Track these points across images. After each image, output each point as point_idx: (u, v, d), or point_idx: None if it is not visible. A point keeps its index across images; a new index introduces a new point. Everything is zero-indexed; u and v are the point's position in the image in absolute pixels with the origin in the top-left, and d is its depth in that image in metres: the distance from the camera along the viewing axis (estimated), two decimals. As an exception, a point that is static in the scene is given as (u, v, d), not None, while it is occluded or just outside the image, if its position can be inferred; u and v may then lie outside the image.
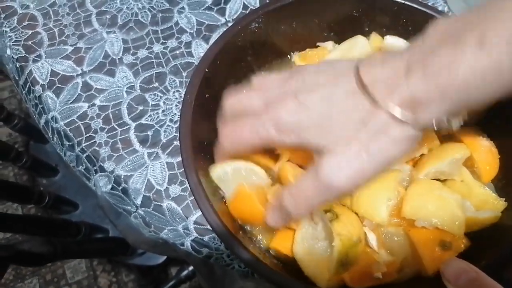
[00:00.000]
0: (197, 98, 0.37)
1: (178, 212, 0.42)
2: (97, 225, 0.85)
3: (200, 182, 0.34)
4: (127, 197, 0.44)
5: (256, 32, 0.41)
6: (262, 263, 0.31)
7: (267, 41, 0.43)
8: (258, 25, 0.41)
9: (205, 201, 0.33)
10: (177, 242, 0.43)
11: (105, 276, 1.21)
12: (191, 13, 0.54)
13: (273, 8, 0.41)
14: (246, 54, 0.43)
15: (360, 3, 0.42)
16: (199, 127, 0.37)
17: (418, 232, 0.33)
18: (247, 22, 0.40)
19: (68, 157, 0.48)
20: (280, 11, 0.41)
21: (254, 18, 0.41)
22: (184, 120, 0.36)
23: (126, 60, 0.51)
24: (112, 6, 0.55)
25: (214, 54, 0.39)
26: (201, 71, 0.38)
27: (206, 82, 0.38)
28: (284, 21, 0.43)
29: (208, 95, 0.39)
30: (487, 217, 0.34)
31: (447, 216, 0.32)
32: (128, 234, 0.49)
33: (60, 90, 0.49)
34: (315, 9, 0.43)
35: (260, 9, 0.41)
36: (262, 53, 0.44)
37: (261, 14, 0.41)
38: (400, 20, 0.42)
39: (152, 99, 0.48)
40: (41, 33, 0.53)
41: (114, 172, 0.44)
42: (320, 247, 0.34)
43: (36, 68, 0.50)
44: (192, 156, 0.35)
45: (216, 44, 0.39)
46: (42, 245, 0.52)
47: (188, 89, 0.37)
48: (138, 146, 0.45)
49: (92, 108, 0.48)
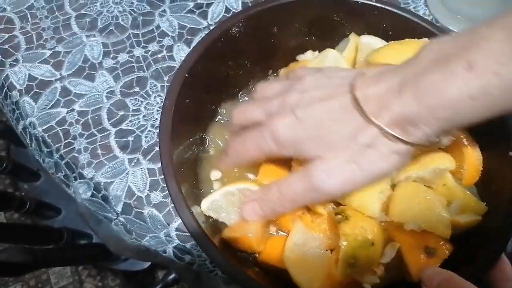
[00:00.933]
0: (177, 103, 0.36)
1: (159, 219, 0.42)
2: (80, 231, 0.84)
3: (180, 189, 0.33)
4: (108, 204, 0.43)
5: (237, 36, 0.41)
6: (241, 272, 0.30)
7: (248, 46, 0.43)
8: (239, 29, 0.41)
9: (184, 207, 0.32)
10: (159, 249, 0.43)
11: (90, 281, 1.20)
12: (172, 16, 0.54)
13: (253, 12, 0.41)
14: (227, 59, 0.43)
15: (340, 7, 0.43)
16: (179, 133, 0.37)
17: (403, 237, 0.33)
18: (227, 26, 0.40)
19: (47, 164, 0.47)
20: (260, 15, 0.41)
21: (235, 22, 0.40)
22: (164, 126, 0.36)
23: (106, 64, 0.50)
24: (92, 9, 0.54)
25: (195, 58, 0.38)
26: (181, 76, 0.38)
27: (186, 87, 0.38)
28: (265, 26, 0.43)
29: (189, 100, 0.38)
30: (468, 221, 0.34)
31: (434, 219, 0.32)
32: (109, 241, 0.48)
33: (38, 95, 0.48)
34: (295, 14, 0.43)
35: (240, 13, 0.41)
36: (243, 58, 0.44)
37: (241, 18, 0.40)
38: (380, 25, 0.42)
39: (133, 104, 0.47)
40: (18, 36, 0.52)
41: (93, 179, 0.43)
42: (313, 254, 0.34)
43: (13, 73, 0.49)
44: (172, 163, 0.34)
45: (196, 49, 0.39)
46: (20, 254, 0.51)
47: (167, 94, 0.37)
48: (118, 152, 0.45)
49: (71, 113, 0.47)
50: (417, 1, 0.57)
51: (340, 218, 0.32)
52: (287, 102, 0.32)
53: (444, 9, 0.55)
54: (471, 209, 0.35)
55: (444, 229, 0.32)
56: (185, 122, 0.38)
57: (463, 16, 0.54)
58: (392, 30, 0.42)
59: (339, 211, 0.33)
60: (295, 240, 0.34)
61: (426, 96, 0.25)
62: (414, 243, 0.33)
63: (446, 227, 0.32)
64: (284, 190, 0.32)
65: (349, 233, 0.31)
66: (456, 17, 0.54)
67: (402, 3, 0.56)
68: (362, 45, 0.42)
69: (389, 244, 0.33)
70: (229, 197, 0.36)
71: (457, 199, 0.35)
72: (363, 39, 0.43)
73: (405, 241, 0.33)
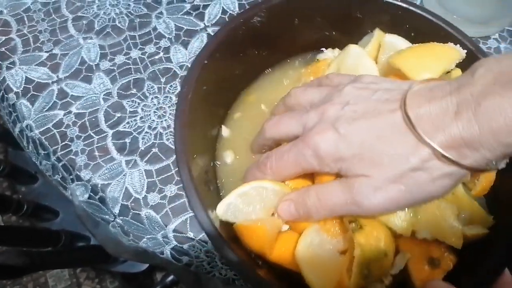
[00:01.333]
0: (195, 90, 0.36)
1: (157, 221, 0.42)
2: (78, 233, 0.84)
3: (192, 177, 0.33)
4: (105, 206, 0.43)
5: (258, 26, 0.40)
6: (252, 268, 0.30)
7: (268, 36, 0.42)
8: (261, 19, 0.40)
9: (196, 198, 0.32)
10: (157, 251, 0.43)
11: (88, 284, 1.20)
12: (169, 18, 0.54)
13: (276, 2, 0.40)
14: (246, 48, 0.42)
15: (365, 4, 0.42)
16: (195, 120, 0.36)
17: (408, 246, 0.33)
18: (249, 15, 0.39)
19: (44, 166, 0.47)
20: (282, 6, 0.41)
21: (257, 12, 0.39)
22: (180, 112, 0.35)
23: (103, 66, 0.50)
24: (88, 11, 0.54)
25: (214, 45, 0.38)
26: (200, 63, 0.37)
27: (204, 74, 0.37)
28: (287, 17, 0.42)
29: (206, 87, 0.38)
30: (475, 233, 0.34)
31: (447, 228, 0.32)
32: (107, 243, 0.48)
33: (35, 98, 0.48)
34: (318, 6, 0.42)
35: (263, 3, 0.40)
36: (263, 48, 0.44)
37: (263, 8, 0.39)
38: (403, 25, 0.42)
39: (130, 105, 0.47)
40: (14, 39, 0.52)
41: (91, 181, 0.43)
42: (329, 256, 0.33)
43: (10, 75, 0.49)
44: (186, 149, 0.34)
45: (216, 36, 0.38)
46: (18, 256, 0.50)
47: (185, 80, 0.36)
48: (115, 154, 0.45)
49: (68, 115, 0.47)
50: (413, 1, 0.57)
51: (354, 228, 0.31)
52: (326, 115, 0.31)
53: (440, 9, 0.55)
54: (478, 221, 0.34)
55: (456, 239, 0.32)
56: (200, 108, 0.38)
57: (460, 16, 0.54)
58: (415, 32, 0.41)
59: (353, 219, 0.32)
60: (310, 239, 0.33)
61: (490, 119, 0.24)
62: (419, 253, 0.32)
63: (458, 238, 0.32)
64: (323, 198, 0.31)
65: (364, 243, 0.30)
66: (452, 17, 0.54)
67: (398, 4, 0.56)
68: (386, 43, 0.42)
69: (399, 254, 0.33)
70: (244, 198, 0.35)
71: (465, 210, 0.34)
72: (387, 37, 0.42)
73: (411, 250, 0.33)
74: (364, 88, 0.32)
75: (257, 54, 0.44)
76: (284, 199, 0.34)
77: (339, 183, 0.31)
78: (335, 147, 0.30)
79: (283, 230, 0.35)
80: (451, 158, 0.26)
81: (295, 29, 0.43)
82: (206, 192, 0.37)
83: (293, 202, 0.33)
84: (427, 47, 0.39)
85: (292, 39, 0.45)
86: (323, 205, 0.31)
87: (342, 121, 0.30)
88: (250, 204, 0.34)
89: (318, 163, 0.31)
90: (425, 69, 0.36)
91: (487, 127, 0.24)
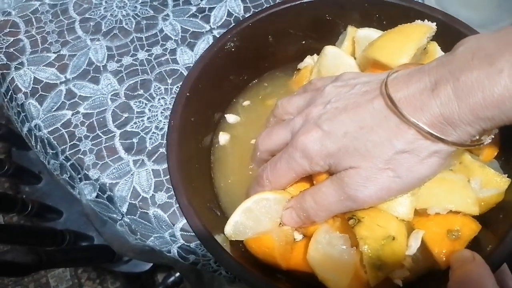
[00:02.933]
0: (182, 122, 0.37)
1: (164, 219, 0.42)
2: (81, 233, 0.84)
3: (185, 187, 0.34)
4: (113, 205, 0.44)
5: (233, 51, 0.41)
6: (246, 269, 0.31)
7: (246, 58, 0.43)
8: (234, 43, 0.41)
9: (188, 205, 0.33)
10: (164, 249, 0.43)
11: (90, 285, 1.20)
12: (175, 20, 0.55)
13: (245, 26, 0.41)
14: (227, 74, 0.43)
15: (330, 6, 0.43)
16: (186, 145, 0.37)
17: (425, 225, 0.32)
18: (222, 43, 0.40)
19: (52, 165, 0.48)
20: (253, 28, 0.41)
21: (228, 38, 0.40)
22: (171, 141, 0.36)
23: (110, 67, 0.51)
24: (95, 13, 0.55)
25: (194, 78, 0.38)
26: (183, 95, 0.38)
27: (189, 106, 0.38)
28: (259, 37, 0.43)
29: (193, 119, 0.39)
30: (491, 195, 0.33)
31: (459, 198, 0.31)
32: (114, 242, 0.49)
33: (43, 98, 0.48)
34: (287, 21, 0.43)
35: (233, 28, 0.41)
36: (243, 71, 0.45)
37: (234, 33, 0.40)
38: (373, 16, 0.42)
39: (137, 106, 0.48)
40: (23, 40, 0.52)
41: (99, 180, 0.44)
42: (339, 251, 0.32)
43: (18, 76, 0.50)
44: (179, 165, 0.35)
45: (194, 68, 0.39)
46: (26, 254, 0.51)
47: (172, 115, 0.37)
48: (123, 153, 0.45)
49: (76, 115, 0.47)
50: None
51: (353, 222, 0.31)
52: (310, 117, 0.32)
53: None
54: (492, 184, 0.33)
55: (471, 207, 0.31)
56: (190, 138, 0.38)
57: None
58: (386, 19, 0.42)
59: (351, 215, 0.32)
60: (318, 239, 0.33)
61: (468, 95, 0.24)
62: (436, 228, 0.31)
63: (473, 204, 0.31)
64: (319, 200, 0.31)
65: (367, 236, 0.30)
66: (454, 20, 0.55)
67: (401, 7, 0.57)
68: (359, 38, 0.42)
69: (412, 234, 0.32)
70: (249, 213, 0.35)
71: (476, 176, 0.33)
72: (359, 32, 0.42)
73: (426, 227, 0.32)
74: (343, 85, 0.33)
75: (239, 77, 0.45)
76: (285, 207, 0.34)
77: (330, 181, 0.31)
78: (321, 144, 0.30)
79: (298, 240, 0.36)
80: (436, 134, 0.26)
81: (270, 45, 0.44)
82: (212, 218, 0.37)
83: (293, 209, 0.33)
84: (395, 30, 0.39)
85: (271, 56, 0.45)
86: (320, 207, 0.31)
87: (324, 119, 0.30)
88: (256, 218, 0.34)
89: (308, 164, 0.31)
90: (399, 52, 0.36)
91: (466, 103, 0.24)
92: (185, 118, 0.37)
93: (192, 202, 0.33)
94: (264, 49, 0.44)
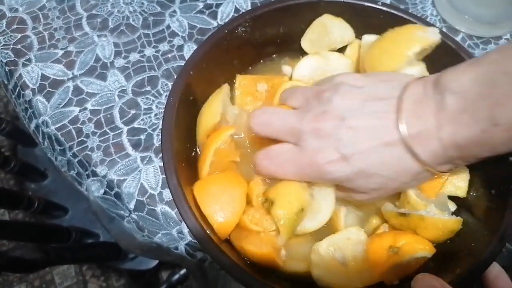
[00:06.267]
0: (181, 100, 0.37)
1: (172, 216, 0.42)
2: (87, 230, 0.84)
3: (180, 184, 0.34)
4: (120, 201, 0.44)
5: (243, 36, 0.41)
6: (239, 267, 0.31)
7: (253, 46, 0.43)
8: (245, 29, 0.41)
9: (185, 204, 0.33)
10: (171, 246, 0.43)
11: (94, 282, 1.20)
12: (182, 16, 0.54)
13: (260, 13, 0.41)
14: (232, 58, 0.43)
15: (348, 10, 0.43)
16: (182, 130, 0.37)
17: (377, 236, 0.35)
18: (233, 26, 0.40)
19: (60, 162, 0.48)
20: (267, 16, 0.41)
21: (241, 22, 0.40)
22: (167, 124, 0.36)
23: (117, 64, 0.50)
24: (102, 9, 0.55)
25: (200, 56, 0.39)
26: (186, 73, 0.38)
27: (190, 85, 0.38)
28: (271, 26, 0.43)
29: (192, 98, 0.39)
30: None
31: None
32: (121, 238, 0.49)
33: (50, 94, 0.48)
34: (302, 16, 0.43)
35: (247, 13, 0.41)
36: (248, 57, 0.45)
37: (248, 19, 0.40)
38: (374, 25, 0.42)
39: (145, 103, 0.48)
40: (30, 36, 0.52)
41: (106, 176, 0.44)
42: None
43: (26, 72, 0.50)
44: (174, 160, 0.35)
45: (201, 47, 0.39)
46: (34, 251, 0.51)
47: (172, 91, 0.37)
48: (130, 150, 0.45)
49: (84, 112, 0.47)
50: (424, 1, 0.57)
51: (267, 205, 0.34)
52: (323, 130, 0.31)
53: (451, 9, 0.55)
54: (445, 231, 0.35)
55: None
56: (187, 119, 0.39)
57: (471, 16, 0.54)
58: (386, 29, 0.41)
59: (264, 199, 0.35)
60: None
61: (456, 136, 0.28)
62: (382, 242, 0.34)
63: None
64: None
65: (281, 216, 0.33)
66: (464, 17, 0.55)
67: (410, 4, 0.57)
68: (364, 44, 0.42)
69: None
70: None
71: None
72: (364, 38, 0.42)
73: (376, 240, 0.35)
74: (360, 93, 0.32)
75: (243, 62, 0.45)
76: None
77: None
78: (341, 171, 0.32)
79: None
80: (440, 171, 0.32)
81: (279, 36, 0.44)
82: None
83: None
84: (386, 38, 0.39)
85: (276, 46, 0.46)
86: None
87: (344, 142, 0.31)
88: None
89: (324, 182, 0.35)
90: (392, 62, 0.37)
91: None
92: (185, 95, 0.38)
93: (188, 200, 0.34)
94: (272, 38, 0.44)
